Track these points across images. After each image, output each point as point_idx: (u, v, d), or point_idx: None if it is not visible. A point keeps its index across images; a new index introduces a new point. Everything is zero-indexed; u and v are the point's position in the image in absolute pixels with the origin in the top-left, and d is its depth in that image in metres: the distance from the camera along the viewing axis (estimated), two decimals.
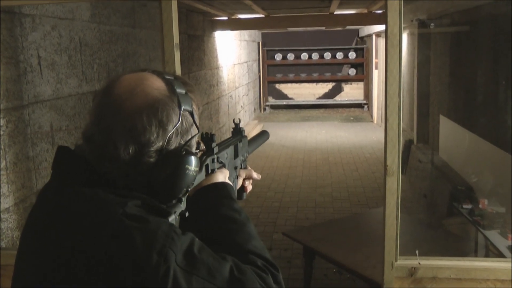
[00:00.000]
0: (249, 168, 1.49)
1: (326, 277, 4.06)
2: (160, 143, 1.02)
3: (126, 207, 0.95)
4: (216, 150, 1.26)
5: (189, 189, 1.13)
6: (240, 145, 1.44)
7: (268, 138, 1.74)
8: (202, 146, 1.23)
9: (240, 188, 1.45)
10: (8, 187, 2.59)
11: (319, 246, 3.33)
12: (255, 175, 1.49)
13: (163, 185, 1.05)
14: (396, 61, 2.04)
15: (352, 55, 14.59)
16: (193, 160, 1.06)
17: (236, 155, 1.41)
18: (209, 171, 1.23)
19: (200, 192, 1.19)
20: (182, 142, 1.07)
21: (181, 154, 1.04)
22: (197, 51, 6.89)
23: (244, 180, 1.47)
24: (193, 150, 1.13)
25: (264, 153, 8.96)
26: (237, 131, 1.48)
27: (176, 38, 2.20)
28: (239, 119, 1.53)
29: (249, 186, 1.50)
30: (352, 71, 14.71)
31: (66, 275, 0.94)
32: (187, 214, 1.09)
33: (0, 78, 2.51)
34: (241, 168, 1.45)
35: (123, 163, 1.01)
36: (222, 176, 1.25)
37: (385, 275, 2.19)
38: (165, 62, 2.21)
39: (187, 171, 1.05)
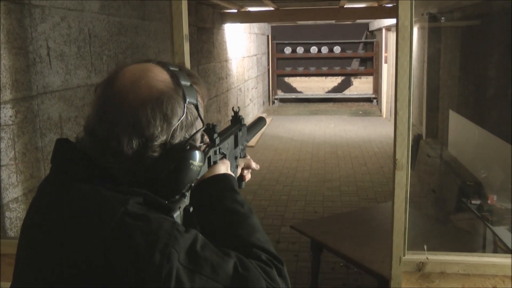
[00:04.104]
0: (248, 157, 1.47)
1: (333, 271, 4.06)
2: (164, 137, 1.00)
3: (127, 205, 0.93)
4: (218, 141, 1.24)
5: (193, 184, 1.11)
6: (240, 134, 1.42)
7: (265, 124, 1.71)
8: (206, 139, 1.20)
9: (238, 177, 1.43)
10: (17, 177, 2.60)
11: (327, 240, 3.32)
12: (253, 165, 1.46)
13: (166, 181, 1.02)
14: (407, 54, 2.02)
15: (361, 49, 14.53)
16: (198, 154, 1.04)
17: (236, 144, 1.39)
18: (211, 163, 1.21)
19: (202, 185, 1.17)
20: (187, 136, 1.04)
21: (185, 149, 1.02)
22: (206, 44, 6.88)
23: (242, 169, 1.44)
24: (198, 143, 1.11)
25: (272, 146, 8.96)
26: (237, 119, 1.45)
27: (185, 29, 2.19)
28: (238, 107, 1.50)
29: (247, 175, 1.47)
30: (357, 64, 14.66)
31: (65, 273, 0.92)
32: (191, 209, 1.07)
33: (7, 68, 2.51)
34: (240, 157, 1.43)
35: (126, 157, 0.98)
36: (224, 167, 1.23)
37: (393, 269, 2.18)
38: (175, 54, 2.20)
39: (191, 166, 1.03)
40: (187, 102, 1.03)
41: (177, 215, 1.01)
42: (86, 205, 0.95)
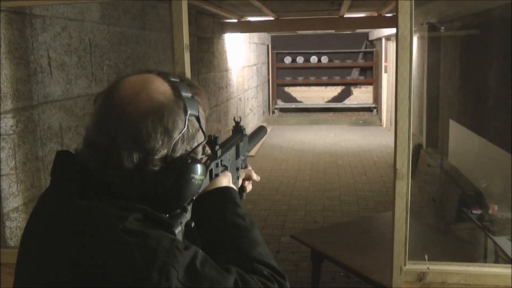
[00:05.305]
0: (249, 167, 1.46)
1: (333, 281, 4.04)
2: (165, 151, 0.98)
3: (126, 222, 0.91)
4: (219, 153, 1.24)
5: (194, 197, 1.10)
6: (241, 144, 1.42)
7: (266, 133, 1.71)
8: (208, 151, 1.19)
9: (239, 188, 1.42)
10: (17, 186, 2.60)
11: (327, 249, 3.31)
12: (254, 176, 1.45)
13: (167, 195, 1.01)
14: (407, 64, 2.03)
15: (361, 58, 14.57)
16: (199, 168, 1.02)
17: (237, 155, 1.39)
18: (213, 176, 1.20)
19: (203, 197, 1.15)
20: (188, 148, 1.03)
21: (186, 163, 1.00)
22: (206, 53, 6.90)
23: (243, 180, 1.43)
24: (199, 156, 1.09)
25: (272, 155, 8.95)
26: (238, 129, 1.45)
27: (186, 39, 2.19)
28: (239, 117, 1.50)
29: (248, 186, 1.46)
30: (356, 74, 14.69)
31: (64, 282, 0.91)
32: (193, 224, 1.06)
33: (8, 78, 2.52)
34: (241, 167, 1.43)
35: (126, 171, 0.97)
36: (226, 180, 1.22)
37: (394, 279, 2.17)
38: (175, 63, 2.20)
39: (193, 180, 1.01)
40: (188, 114, 1.01)
41: (179, 230, 1.00)
42: (85, 221, 0.93)
